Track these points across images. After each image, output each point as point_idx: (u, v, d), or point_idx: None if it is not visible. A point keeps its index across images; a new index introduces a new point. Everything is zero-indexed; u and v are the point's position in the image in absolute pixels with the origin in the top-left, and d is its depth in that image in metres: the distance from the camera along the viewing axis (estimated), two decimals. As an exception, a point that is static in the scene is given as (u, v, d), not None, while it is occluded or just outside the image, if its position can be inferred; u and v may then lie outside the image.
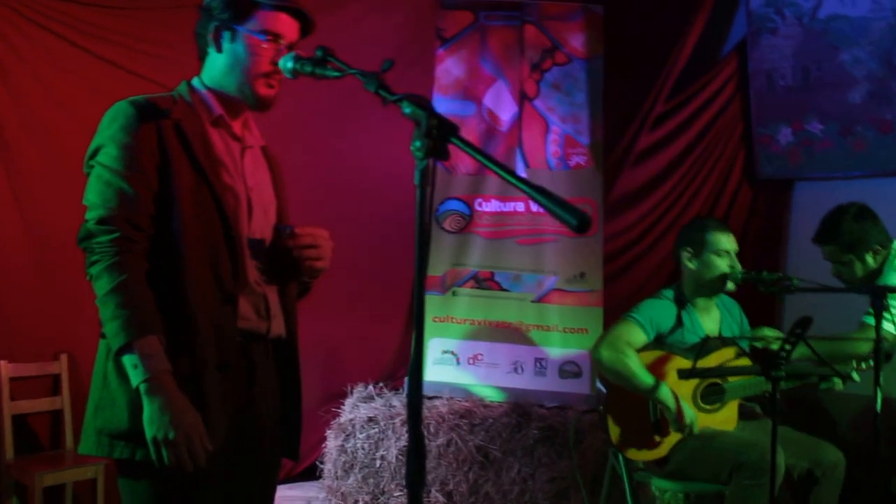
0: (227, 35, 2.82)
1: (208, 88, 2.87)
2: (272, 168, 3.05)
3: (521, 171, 6.62)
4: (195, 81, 2.90)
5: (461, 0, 6.86)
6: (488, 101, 6.74)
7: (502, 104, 6.73)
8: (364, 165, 6.57)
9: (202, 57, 2.92)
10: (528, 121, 6.70)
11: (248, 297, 2.82)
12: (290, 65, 2.70)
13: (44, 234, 5.57)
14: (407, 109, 2.10)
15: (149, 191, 2.64)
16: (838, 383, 4.53)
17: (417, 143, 2.01)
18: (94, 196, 2.64)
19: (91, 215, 2.62)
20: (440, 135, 2.03)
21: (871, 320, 4.43)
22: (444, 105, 6.56)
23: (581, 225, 1.91)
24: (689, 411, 4.47)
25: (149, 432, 2.53)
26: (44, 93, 5.61)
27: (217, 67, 2.86)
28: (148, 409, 2.53)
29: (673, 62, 6.78)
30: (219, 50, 2.84)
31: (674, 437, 4.52)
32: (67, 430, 5.60)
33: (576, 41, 6.81)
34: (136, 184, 2.62)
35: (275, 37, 2.80)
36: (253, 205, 2.89)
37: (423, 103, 2.09)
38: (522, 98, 6.73)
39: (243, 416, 2.83)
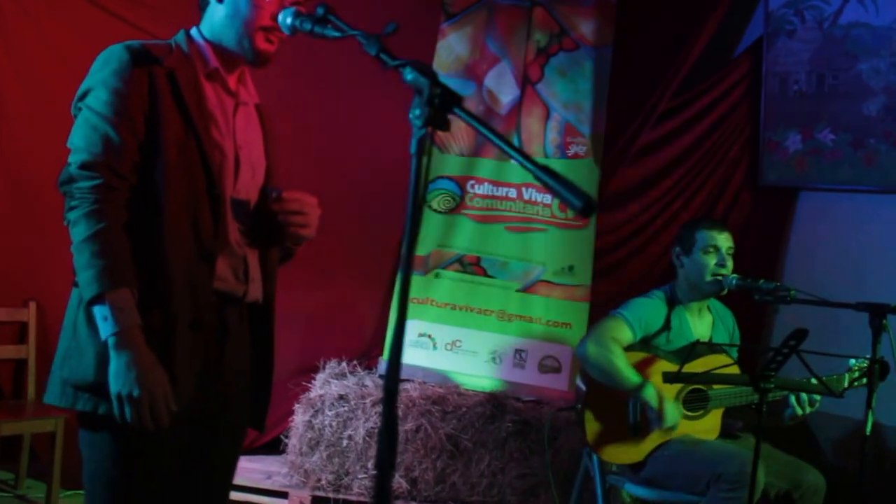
0: None
1: (206, 40, 2.83)
2: (265, 127, 3.01)
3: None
4: (193, 31, 2.87)
5: (472, -25, 6.70)
6: (489, 81, 6.58)
7: (504, 86, 6.57)
8: (352, 134, 6.43)
9: (203, 7, 2.87)
10: (528, 105, 6.54)
11: (228, 257, 2.80)
12: (289, 20, 2.67)
13: (21, 180, 5.53)
14: (409, 76, 2.04)
15: (135, 139, 2.62)
16: (801, 408, 4.41)
17: (417, 112, 1.95)
18: (79, 139, 2.61)
19: (74, 159, 2.60)
20: (442, 104, 1.97)
21: (853, 363, 4.37)
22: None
23: (586, 208, 1.84)
24: (673, 415, 4.36)
25: (113, 387, 2.52)
26: (39, 39, 5.56)
27: (217, 19, 2.81)
28: (114, 364, 2.52)
29: (683, 58, 6.60)
30: (220, 0, 2.78)
31: (651, 442, 4.43)
32: (30, 380, 5.56)
33: (586, 28, 6.64)
34: (123, 130, 2.59)
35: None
36: (241, 164, 2.85)
37: (427, 70, 2.02)
38: (525, 81, 6.56)
39: (211, 378, 2.79)
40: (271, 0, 2.74)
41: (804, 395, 4.37)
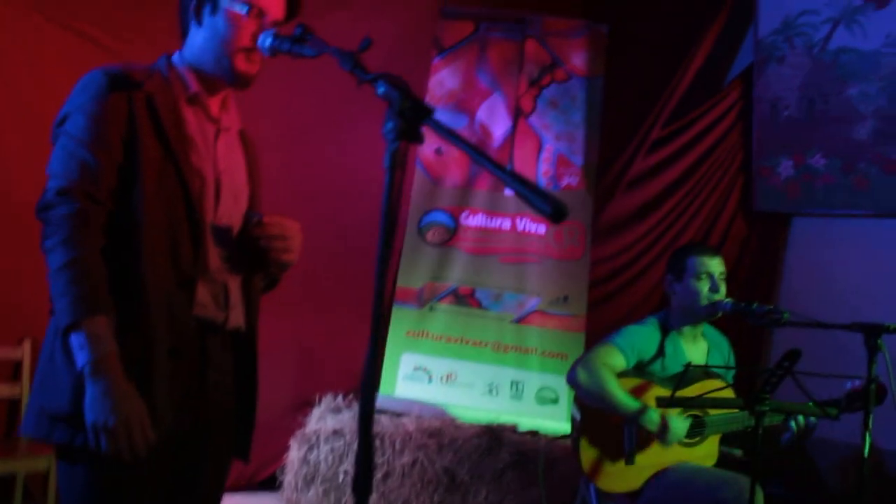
0: (208, 7, 2.76)
1: (187, 64, 2.81)
2: (248, 153, 2.99)
3: (508, 189, 6.50)
4: (175, 56, 2.84)
5: (463, 10, 6.79)
6: (482, 114, 6.64)
7: (496, 118, 6.64)
8: (347, 166, 6.45)
9: (184, 32, 2.85)
10: (521, 137, 6.60)
11: (207, 284, 2.74)
12: (268, 42, 2.65)
13: (11, 214, 5.45)
14: (381, 89, 2.05)
15: (112, 164, 2.57)
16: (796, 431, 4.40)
17: (389, 125, 1.97)
18: (57, 165, 2.58)
19: (51, 185, 2.56)
20: (413, 116, 1.98)
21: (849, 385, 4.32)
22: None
23: (555, 214, 1.86)
24: (679, 426, 4.29)
25: (89, 417, 2.45)
26: (31, 73, 5.56)
27: (197, 42, 2.80)
28: (90, 393, 2.45)
29: (674, 87, 6.67)
30: (199, 23, 2.77)
31: (648, 469, 4.38)
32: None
33: (577, 59, 6.71)
34: (100, 156, 2.55)
35: (258, 11, 2.73)
36: (222, 190, 2.82)
37: (398, 83, 2.03)
38: (517, 113, 6.62)
39: (192, 407, 2.74)
40: (250, 20, 2.72)
41: (801, 419, 4.35)
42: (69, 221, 2.49)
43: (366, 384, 1.93)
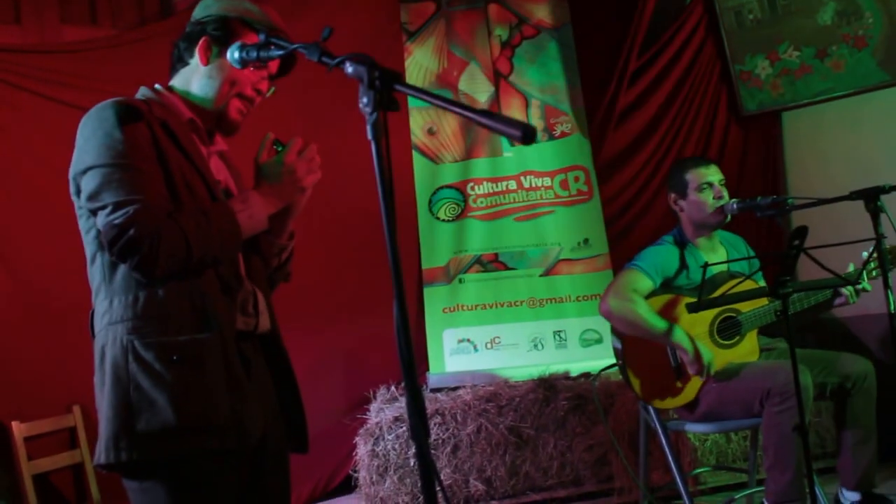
0: (216, 50, 2.81)
1: (178, 96, 2.86)
2: (233, 171, 3.04)
3: (507, 150, 6.64)
4: (158, 87, 2.87)
5: (421, -8, 6.88)
6: (463, 85, 6.76)
7: (478, 86, 6.75)
8: (365, 167, 6.48)
9: (176, 66, 2.90)
10: (506, 98, 6.72)
11: (241, 291, 2.78)
12: (236, 55, 2.70)
13: (34, 290, 5.58)
14: (349, 69, 2.10)
15: (158, 173, 2.58)
16: (852, 297, 4.49)
17: (364, 100, 2.02)
18: (109, 195, 2.50)
19: (119, 214, 2.47)
20: (384, 85, 2.04)
21: (865, 255, 4.38)
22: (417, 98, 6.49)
23: (525, 135, 1.91)
24: (707, 352, 4.41)
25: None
26: (19, 147, 5.64)
27: (196, 79, 2.85)
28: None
29: (639, 17, 6.77)
30: (204, 63, 2.82)
31: (698, 379, 4.47)
32: (91, 481, 5.53)
33: (541, 12, 6.85)
34: (145, 166, 2.55)
35: (262, 63, 2.80)
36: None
37: (363, 58, 2.09)
38: (497, 76, 6.73)
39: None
40: (253, 72, 2.81)
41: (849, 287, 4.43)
42: (151, 224, 2.47)
43: (399, 337, 1.99)
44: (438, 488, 2.01)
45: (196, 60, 2.84)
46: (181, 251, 2.50)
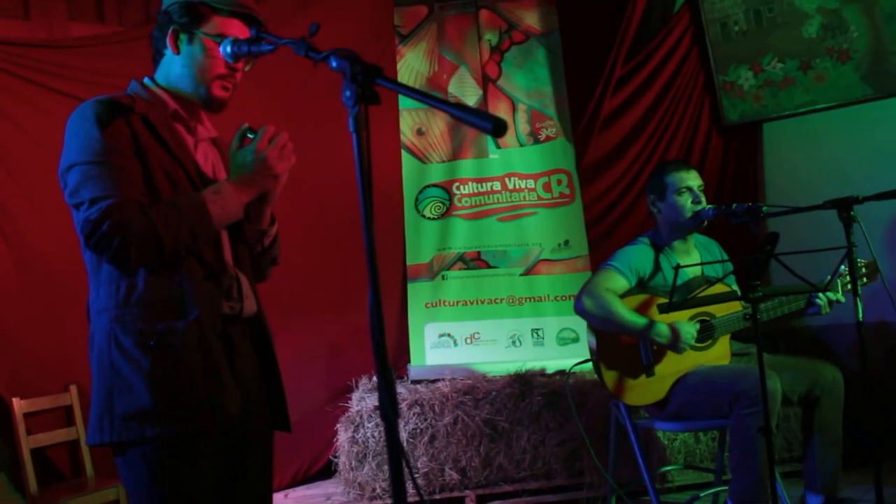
0: (184, 38, 2.88)
1: (163, 87, 2.93)
2: (224, 157, 3.09)
3: (493, 152, 6.75)
4: (147, 81, 2.95)
5: (414, -5, 6.98)
6: (452, 88, 6.87)
7: (466, 89, 6.86)
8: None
9: (156, 59, 2.98)
10: (493, 102, 6.84)
11: (225, 277, 2.86)
12: (228, 49, 2.79)
13: (34, 270, 5.65)
14: (334, 63, 2.18)
15: (136, 170, 2.68)
16: (825, 307, 4.60)
17: (347, 93, 2.09)
18: (87, 191, 2.62)
19: (87, 210, 2.60)
20: (366, 79, 2.11)
21: (843, 268, 4.52)
22: (408, 100, 6.62)
23: (496, 128, 1.99)
24: (688, 330, 4.48)
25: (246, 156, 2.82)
26: (22, 135, 5.72)
27: (173, 68, 2.92)
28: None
29: (626, 25, 6.87)
30: (176, 52, 2.89)
31: (670, 378, 4.56)
32: (86, 457, 5.65)
33: (531, 18, 6.96)
34: (123, 163, 2.65)
35: (231, 40, 2.83)
36: None
37: (347, 54, 2.16)
38: (486, 80, 6.85)
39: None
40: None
41: (823, 297, 4.55)
42: (112, 216, 2.56)
43: (373, 324, 2.04)
44: (406, 468, 2.05)
45: (170, 51, 2.92)
46: (152, 243, 2.60)
